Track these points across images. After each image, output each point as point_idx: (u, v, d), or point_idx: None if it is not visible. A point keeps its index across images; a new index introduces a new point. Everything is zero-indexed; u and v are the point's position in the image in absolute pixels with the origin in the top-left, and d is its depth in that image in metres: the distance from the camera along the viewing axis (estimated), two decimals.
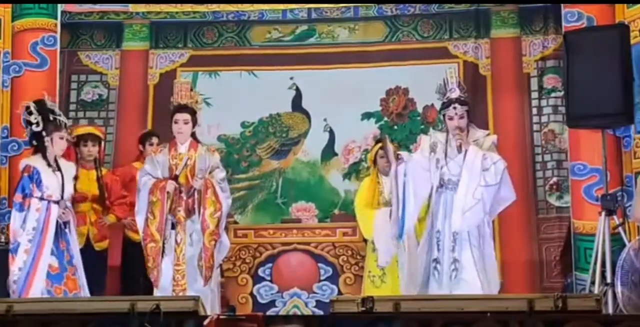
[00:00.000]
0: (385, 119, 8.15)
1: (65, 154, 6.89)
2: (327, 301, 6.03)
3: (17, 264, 6.20)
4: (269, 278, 7.40)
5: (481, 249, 6.34)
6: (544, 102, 7.83)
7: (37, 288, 6.19)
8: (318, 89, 8.22)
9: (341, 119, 8.15)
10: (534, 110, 7.83)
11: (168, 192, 6.49)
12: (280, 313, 7.17)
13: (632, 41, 6.64)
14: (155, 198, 6.51)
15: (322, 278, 7.38)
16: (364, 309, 4.58)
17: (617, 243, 6.30)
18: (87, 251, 6.91)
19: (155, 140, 7.51)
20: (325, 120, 8.19)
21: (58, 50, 7.74)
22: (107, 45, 8.43)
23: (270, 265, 7.40)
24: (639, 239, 6.12)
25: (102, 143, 7.47)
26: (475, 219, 6.33)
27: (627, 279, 5.87)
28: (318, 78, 8.24)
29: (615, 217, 6.30)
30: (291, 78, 8.27)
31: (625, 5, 7.04)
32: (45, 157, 6.44)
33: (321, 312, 7.01)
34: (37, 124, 6.44)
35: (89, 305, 4.91)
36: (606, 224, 6.24)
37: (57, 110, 6.66)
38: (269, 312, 7.03)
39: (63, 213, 6.43)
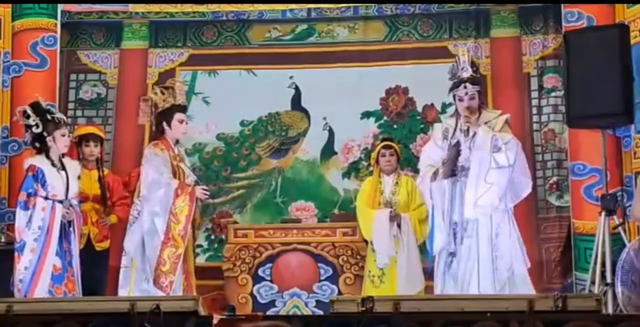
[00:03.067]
0: (385, 118, 8.13)
1: (68, 154, 6.94)
2: (327, 301, 6.02)
3: (23, 263, 6.25)
4: (269, 278, 7.40)
5: (495, 239, 6.28)
6: (544, 102, 7.82)
7: (43, 287, 6.22)
8: (317, 88, 8.20)
9: (341, 118, 8.13)
10: (534, 110, 7.82)
11: (198, 198, 6.53)
12: (280, 313, 7.17)
13: (632, 41, 6.64)
14: (184, 203, 6.51)
15: (322, 278, 7.37)
16: (364, 309, 4.59)
17: (617, 243, 6.30)
18: (88, 251, 6.93)
19: None
20: (324, 119, 8.18)
21: (58, 50, 7.75)
22: (107, 44, 8.41)
23: (270, 265, 7.39)
24: (639, 239, 6.13)
25: (104, 143, 7.48)
26: (489, 206, 6.25)
27: (627, 279, 5.87)
28: (317, 77, 8.22)
29: (615, 217, 6.30)
30: (291, 77, 8.25)
31: (625, 5, 7.05)
32: (49, 156, 6.45)
33: (321, 312, 7.00)
34: (37, 125, 6.46)
35: (89, 305, 4.91)
36: (606, 224, 6.23)
37: (53, 109, 6.69)
38: (269, 312, 7.03)
39: (67, 212, 6.43)
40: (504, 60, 7.96)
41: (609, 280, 6.03)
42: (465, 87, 6.44)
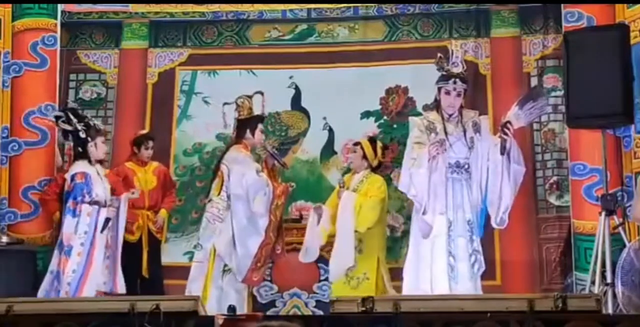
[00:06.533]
0: (385, 117, 8.13)
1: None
2: (327, 301, 6.03)
3: (70, 267, 6.45)
4: (269, 278, 7.40)
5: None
6: None
7: (90, 289, 6.43)
8: (317, 87, 8.20)
9: (341, 117, 8.13)
10: None
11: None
12: (280, 313, 7.17)
13: (632, 41, 6.64)
14: (280, 202, 6.73)
15: (322, 278, 7.37)
16: (364, 309, 4.59)
17: (617, 243, 6.30)
18: None
19: (150, 143, 7.50)
20: (324, 119, 8.18)
21: (58, 50, 7.74)
22: (106, 44, 8.42)
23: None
24: (639, 239, 6.13)
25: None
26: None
27: (627, 279, 5.87)
28: (317, 77, 8.22)
29: (615, 217, 6.30)
30: (290, 77, 8.25)
31: (625, 5, 7.04)
32: (91, 162, 6.56)
33: (321, 312, 7.01)
34: (83, 131, 6.58)
35: (89, 305, 4.92)
36: (606, 224, 6.23)
37: (89, 115, 6.81)
38: (269, 312, 7.03)
39: (112, 210, 6.64)
40: (504, 60, 7.96)
41: (609, 280, 6.03)
42: (455, 83, 6.40)
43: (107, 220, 6.57)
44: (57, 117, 6.69)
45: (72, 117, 6.65)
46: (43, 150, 7.54)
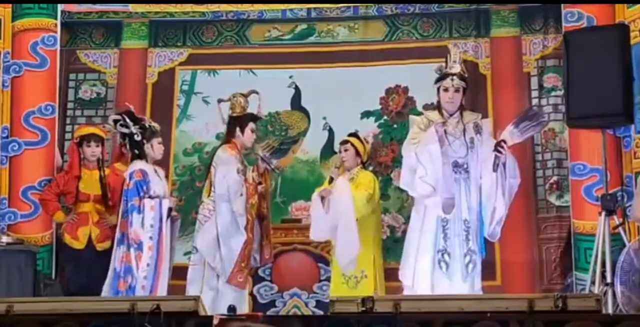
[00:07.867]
0: (385, 117, 8.13)
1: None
2: (327, 301, 6.02)
3: (144, 261, 6.56)
4: (269, 278, 7.40)
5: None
6: (544, 101, 7.82)
7: (164, 281, 6.58)
8: (317, 87, 8.20)
9: (341, 117, 8.13)
10: None
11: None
12: (280, 313, 7.17)
13: (632, 41, 6.65)
14: (254, 201, 6.75)
15: (322, 278, 7.37)
16: (364, 309, 4.59)
17: (617, 243, 6.32)
18: (89, 250, 6.97)
19: None
20: (324, 118, 8.18)
21: (58, 50, 7.75)
22: (106, 44, 8.42)
23: (270, 265, 7.39)
24: (639, 239, 6.14)
25: (105, 143, 7.49)
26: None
27: (627, 279, 5.88)
28: (317, 77, 8.22)
29: (615, 217, 6.31)
30: (290, 77, 8.25)
31: (625, 5, 7.05)
32: (148, 162, 6.72)
33: (321, 312, 7.01)
34: (137, 134, 6.73)
35: (89, 305, 4.91)
36: (606, 224, 6.24)
37: (146, 118, 6.85)
38: (269, 313, 7.04)
39: (174, 201, 6.82)
40: (504, 59, 7.96)
41: (609, 280, 6.04)
42: (452, 79, 6.42)
43: (170, 209, 6.67)
44: (115, 121, 6.79)
45: (128, 120, 6.73)
46: (43, 150, 7.55)
